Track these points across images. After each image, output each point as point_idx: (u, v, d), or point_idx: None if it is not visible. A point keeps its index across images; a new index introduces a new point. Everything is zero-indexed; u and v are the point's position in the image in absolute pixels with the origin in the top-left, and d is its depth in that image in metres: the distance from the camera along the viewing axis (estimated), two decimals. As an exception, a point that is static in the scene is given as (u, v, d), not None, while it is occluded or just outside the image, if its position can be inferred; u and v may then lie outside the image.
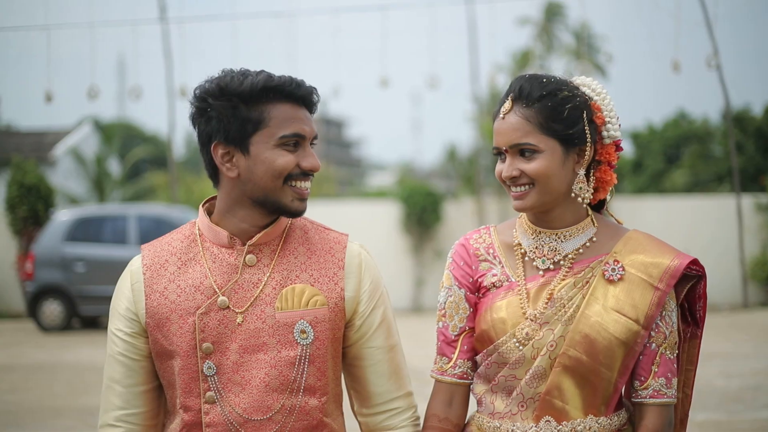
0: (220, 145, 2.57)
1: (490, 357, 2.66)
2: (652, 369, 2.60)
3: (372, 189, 52.41)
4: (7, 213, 19.75)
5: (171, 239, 2.70)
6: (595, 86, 2.70)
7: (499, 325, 2.64)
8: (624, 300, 2.59)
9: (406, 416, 2.72)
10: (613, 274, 2.61)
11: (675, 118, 35.30)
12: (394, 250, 20.57)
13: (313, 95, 2.64)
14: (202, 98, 2.57)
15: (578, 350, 2.57)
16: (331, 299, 2.63)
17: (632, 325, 2.57)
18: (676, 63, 15.19)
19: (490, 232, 2.80)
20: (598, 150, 2.67)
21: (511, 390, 2.64)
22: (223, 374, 2.56)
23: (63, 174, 31.58)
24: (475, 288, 2.73)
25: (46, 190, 19.99)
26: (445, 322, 2.75)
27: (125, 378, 2.65)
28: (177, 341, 2.57)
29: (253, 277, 2.60)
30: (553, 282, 2.64)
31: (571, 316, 2.60)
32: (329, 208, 22.24)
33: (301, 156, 2.58)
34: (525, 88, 2.62)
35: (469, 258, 2.75)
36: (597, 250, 2.67)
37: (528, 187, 2.61)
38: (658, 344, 2.61)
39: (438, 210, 20.54)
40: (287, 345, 2.57)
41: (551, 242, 2.67)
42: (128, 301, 2.64)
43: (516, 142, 2.60)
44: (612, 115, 2.67)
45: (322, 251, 2.68)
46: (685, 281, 2.67)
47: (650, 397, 2.61)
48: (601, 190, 2.71)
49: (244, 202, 2.59)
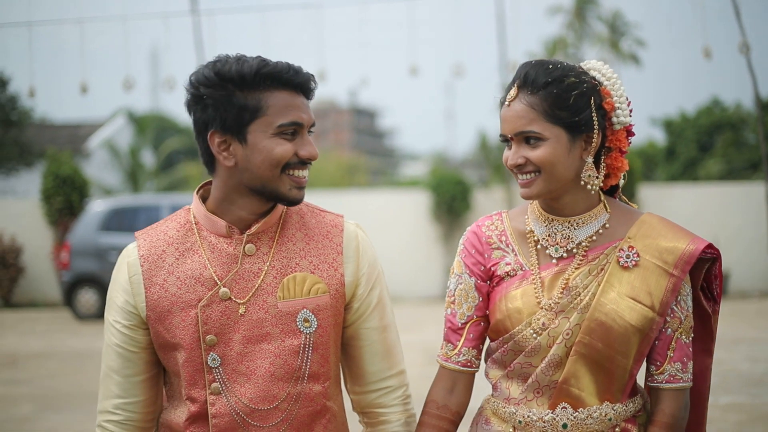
0: (216, 134, 2.52)
1: (506, 345, 2.65)
2: (668, 354, 2.59)
3: (405, 179, 52.47)
4: (43, 204, 19.98)
5: (166, 227, 2.65)
6: (605, 71, 2.65)
7: (515, 315, 2.62)
8: (639, 287, 2.57)
9: (398, 394, 2.73)
10: (627, 260, 2.59)
11: (708, 106, 35.09)
12: (424, 239, 20.65)
13: (311, 82, 2.58)
14: (198, 85, 2.53)
15: (594, 338, 2.55)
16: (332, 286, 2.61)
17: (647, 312, 2.55)
18: (707, 50, 15.14)
19: (502, 218, 2.77)
20: (608, 136, 2.62)
21: (527, 377, 2.62)
22: (227, 365, 2.54)
23: (97, 165, 31.91)
24: (487, 276, 2.71)
25: (80, 181, 20.20)
26: (453, 309, 2.73)
27: (123, 368, 2.62)
28: (180, 334, 2.54)
29: (253, 267, 2.57)
30: (567, 270, 2.62)
31: (586, 304, 2.57)
32: (360, 197, 22.35)
33: (299, 144, 2.54)
34: (530, 75, 2.58)
35: (481, 246, 2.73)
36: (611, 236, 2.64)
37: (534, 174, 2.58)
38: (673, 329, 2.59)
39: (468, 198, 20.58)
40: (290, 334, 2.56)
41: (564, 230, 2.64)
42: (127, 294, 2.59)
43: (520, 129, 2.57)
44: (622, 100, 2.62)
45: (320, 236, 2.66)
46: (701, 264, 2.64)
47: (666, 381, 2.60)
48: (613, 176, 2.68)
49: (242, 190, 2.56)
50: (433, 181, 21.07)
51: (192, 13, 19.17)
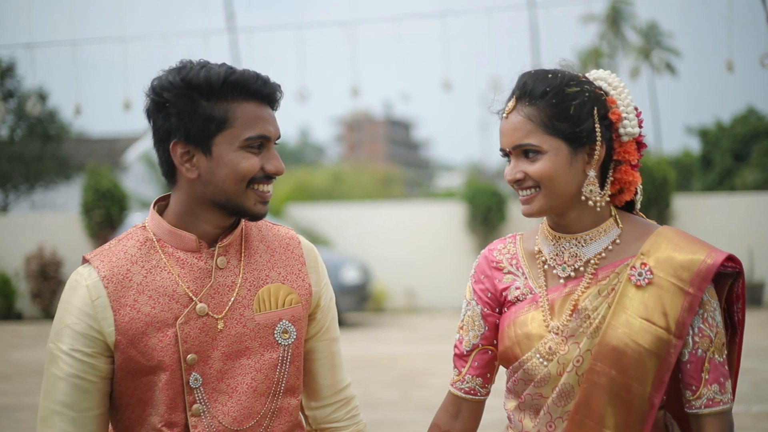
0: (179, 144, 2.41)
1: (516, 374, 2.52)
2: (703, 376, 2.40)
3: (440, 190, 52.47)
4: (83, 217, 20.25)
5: (123, 247, 2.48)
6: (611, 80, 2.51)
7: (523, 341, 2.49)
8: (653, 307, 2.39)
9: (350, 407, 2.73)
10: (640, 278, 2.42)
11: (744, 114, 34.94)
12: (459, 250, 20.73)
13: (277, 93, 2.48)
14: (161, 91, 2.41)
15: (606, 364, 2.39)
16: (303, 296, 2.57)
17: (662, 333, 2.38)
18: (730, 63, 15.16)
19: (515, 240, 2.64)
20: (616, 149, 2.47)
21: (539, 409, 2.49)
22: (208, 384, 2.43)
23: (135, 178, 32.26)
24: (498, 303, 2.59)
25: (120, 194, 20.46)
26: (461, 336, 2.64)
27: (79, 402, 2.40)
28: (158, 356, 2.40)
29: (226, 280, 2.48)
30: (576, 291, 2.46)
31: (596, 328, 2.42)
32: (395, 208, 22.49)
33: (266, 158, 2.44)
34: (528, 85, 2.45)
35: (491, 271, 2.61)
36: (622, 253, 2.48)
37: (534, 190, 2.45)
38: (704, 349, 2.40)
39: (503, 210, 20.63)
40: (269, 347, 2.49)
41: (571, 248, 2.50)
42: (89, 319, 2.39)
43: (518, 143, 2.44)
44: (629, 110, 2.47)
45: (280, 248, 2.60)
46: (723, 279, 2.46)
47: (705, 406, 2.40)
48: (626, 191, 2.52)
49: (205, 203, 2.45)
50: (468, 192, 21.14)
51: (228, 31, 19.41)
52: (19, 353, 14.48)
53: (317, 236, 20.53)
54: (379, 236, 20.76)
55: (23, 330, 17.79)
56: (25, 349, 14.61)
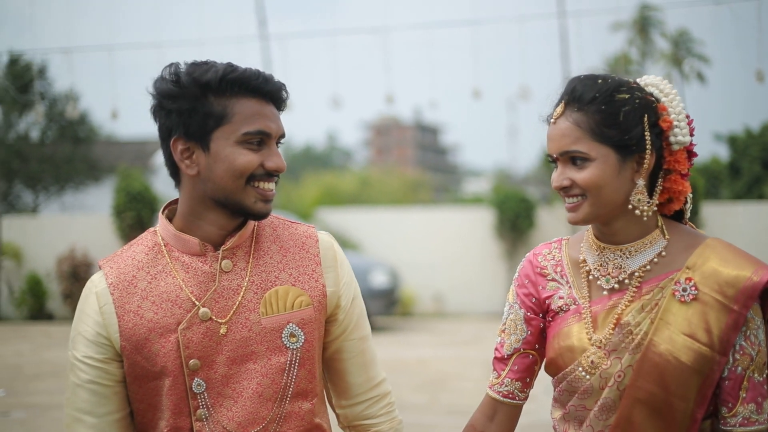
0: (179, 141, 2.40)
1: (560, 384, 2.49)
2: (740, 394, 2.34)
3: (468, 195, 52.54)
4: (114, 219, 20.41)
5: (133, 252, 2.49)
6: (663, 86, 2.44)
7: (567, 354, 2.46)
8: (696, 324, 2.34)
9: (384, 403, 2.66)
10: (684, 294, 2.37)
11: (773, 122, 34.77)
12: (488, 256, 20.76)
13: (282, 91, 2.44)
14: (162, 90, 2.41)
15: (648, 381, 2.34)
16: (315, 297, 2.49)
17: (706, 351, 2.32)
18: (760, 73, 15.15)
19: (561, 246, 2.59)
20: (666, 157, 2.42)
21: (582, 421, 2.45)
22: (212, 389, 2.41)
23: (164, 181, 32.39)
24: (541, 309, 2.55)
25: (150, 197, 20.61)
26: (502, 339, 2.60)
27: (98, 407, 2.42)
28: (161, 361, 2.39)
29: (231, 284, 2.44)
30: (620, 305, 2.41)
31: (638, 344, 2.37)
32: (424, 214, 22.54)
33: (266, 155, 2.40)
34: (577, 90, 2.40)
35: (534, 276, 2.57)
36: (667, 266, 2.41)
37: (580, 198, 2.39)
38: (744, 367, 2.34)
39: (531, 216, 20.63)
40: (276, 351, 2.44)
41: (615, 259, 2.44)
42: (98, 326, 2.41)
43: (565, 149, 2.38)
44: (681, 118, 2.40)
45: (295, 247, 2.54)
46: None
47: (740, 425, 2.35)
48: (676, 201, 2.46)
49: (207, 203, 2.42)
50: (496, 198, 21.16)
51: (260, 38, 19.56)
52: (51, 353, 14.64)
53: (346, 240, 20.61)
54: (408, 241, 20.84)
55: (54, 330, 17.92)
56: (57, 349, 14.73)
